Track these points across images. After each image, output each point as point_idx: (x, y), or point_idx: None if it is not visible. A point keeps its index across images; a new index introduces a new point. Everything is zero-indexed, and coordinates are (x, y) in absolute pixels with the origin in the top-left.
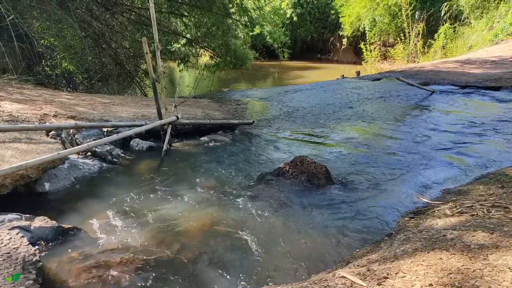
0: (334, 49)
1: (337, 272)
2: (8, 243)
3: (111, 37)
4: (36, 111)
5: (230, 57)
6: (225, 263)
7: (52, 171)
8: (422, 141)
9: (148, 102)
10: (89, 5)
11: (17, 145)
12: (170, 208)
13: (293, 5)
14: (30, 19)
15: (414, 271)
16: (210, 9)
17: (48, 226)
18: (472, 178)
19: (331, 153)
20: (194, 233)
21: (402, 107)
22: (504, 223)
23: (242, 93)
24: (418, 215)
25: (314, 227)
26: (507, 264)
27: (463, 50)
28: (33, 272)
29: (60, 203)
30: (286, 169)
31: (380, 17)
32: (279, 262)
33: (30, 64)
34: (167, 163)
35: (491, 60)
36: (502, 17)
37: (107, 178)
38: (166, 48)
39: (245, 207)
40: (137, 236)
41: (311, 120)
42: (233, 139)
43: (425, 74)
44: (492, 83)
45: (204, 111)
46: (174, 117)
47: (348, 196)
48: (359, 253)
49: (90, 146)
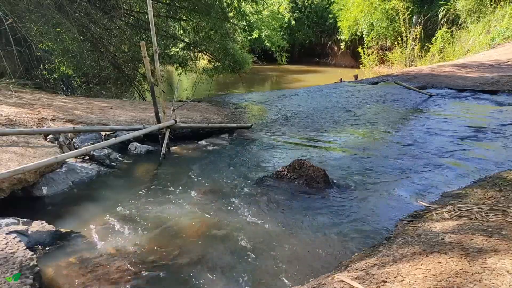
0: (332, 53)
1: (336, 276)
2: (5, 247)
3: (109, 41)
4: (34, 115)
5: (228, 61)
6: (223, 267)
7: (49, 175)
8: (420, 144)
9: (146, 106)
10: (88, 9)
11: (14, 149)
12: (168, 212)
13: (291, 9)
14: (28, 23)
15: (413, 274)
16: (209, 13)
17: (45, 230)
18: (470, 181)
19: (330, 157)
20: (192, 237)
21: (400, 110)
22: (502, 227)
23: (240, 97)
24: (416, 218)
25: (313, 231)
26: (506, 268)
27: (460, 54)
28: (30, 277)
29: (57, 207)
30: (284, 172)
31: (377, 21)
32: (278, 266)
33: (28, 68)
34: (165, 167)
35: (488, 64)
36: (498, 21)
37: (105, 182)
38: (164, 52)
39: (243, 211)
40: (134, 240)
41: (310, 124)
42: (232, 143)
43: (423, 78)
44: (489, 87)
45: (202, 115)
46: (172, 120)
47: (346, 200)
48: (357, 257)
49: (88, 150)
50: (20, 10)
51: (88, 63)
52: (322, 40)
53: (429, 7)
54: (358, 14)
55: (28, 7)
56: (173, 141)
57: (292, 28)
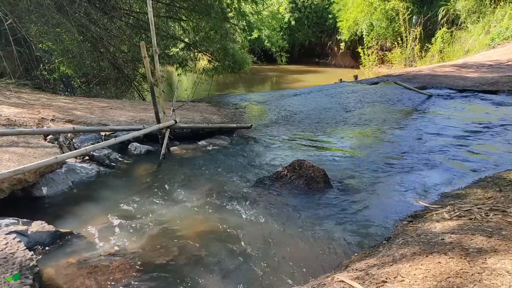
0: (332, 53)
1: (336, 276)
2: (4, 248)
3: (109, 41)
4: (34, 115)
5: (228, 61)
6: (223, 267)
7: (49, 176)
8: (420, 144)
9: (146, 106)
10: (87, 10)
11: (14, 149)
12: (168, 213)
13: (291, 9)
14: (28, 23)
15: (413, 275)
16: (208, 14)
17: (45, 230)
18: (470, 181)
19: (330, 157)
20: (192, 238)
21: (400, 110)
22: (502, 227)
23: (240, 97)
24: (416, 219)
25: (312, 231)
26: (506, 268)
27: (460, 54)
28: (30, 277)
29: (57, 208)
30: (284, 173)
31: (377, 21)
32: (277, 266)
33: (28, 68)
34: (165, 167)
35: (488, 64)
36: (498, 22)
37: (104, 183)
38: (164, 52)
39: (243, 211)
40: (134, 240)
41: (309, 124)
42: (231, 143)
43: (423, 78)
44: (489, 87)
45: (202, 115)
46: (172, 121)
47: (346, 200)
48: (357, 257)
49: (88, 150)
50: (20, 10)
51: (88, 63)
52: (322, 40)
53: (429, 7)
54: (358, 14)
55: (28, 7)
56: (173, 141)
57: (292, 28)
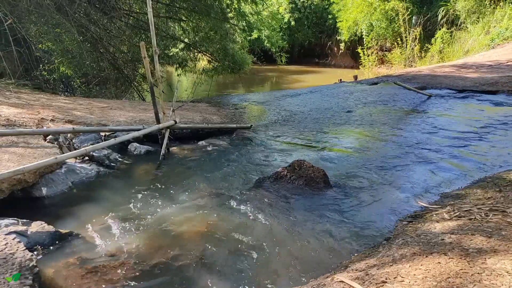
0: (332, 54)
1: (336, 277)
2: (4, 248)
3: (109, 41)
4: (34, 116)
5: (228, 61)
6: (223, 268)
7: (49, 176)
8: (420, 145)
9: (146, 106)
10: (87, 10)
11: (14, 149)
12: (168, 213)
13: (290, 10)
14: (28, 24)
15: (413, 275)
16: (208, 14)
17: (45, 231)
18: (469, 182)
19: (329, 157)
20: (191, 238)
21: (399, 111)
22: (502, 227)
23: (240, 97)
24: (416, 219)
25: (312, 232)
26: (505, 268)
27: (460, 55)
28: (30, 277)
29: (57, 208)
30: (284, 173)
31: (377, 21)
32: (277, 267)
33: (28, 68)
34: (165, 168)
35: (488, 64)
36: (498, 22)
37: (104, 183)
38: (164, 52)
39: (243, 211)
40: (134, 241)
41: (309, 124)
42: (231, 143)
43: (422, 79)
44: (489, 87)
45: (202, 115)
46: (172, 121)
47: (346, 200)
48: (357, 257)
49: (87, 151)
50: (20, 10)
51: (88, 63)
52: (322, 40)
53: (429, 8)
54: (357, 14)
55: (28, 7)
56: (173, 142)
57: (292, 28)
